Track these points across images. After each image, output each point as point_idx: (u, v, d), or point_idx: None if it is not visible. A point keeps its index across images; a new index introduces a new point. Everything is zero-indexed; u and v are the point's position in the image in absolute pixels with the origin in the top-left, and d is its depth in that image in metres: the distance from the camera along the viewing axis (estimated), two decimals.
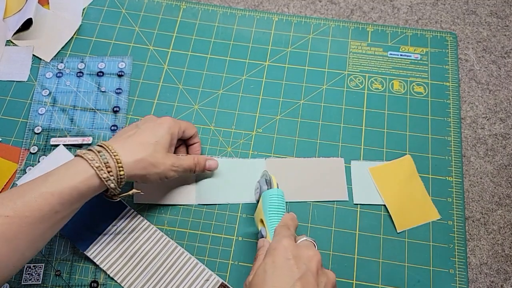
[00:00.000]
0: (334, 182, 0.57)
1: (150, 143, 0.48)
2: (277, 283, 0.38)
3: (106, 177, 0.44)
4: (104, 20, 0.68)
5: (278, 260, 0.40)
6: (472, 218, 0.56)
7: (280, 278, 0.38)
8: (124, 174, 0.46)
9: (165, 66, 0.65)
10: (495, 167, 0.59)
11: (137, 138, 0.48)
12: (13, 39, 0.66)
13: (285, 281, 0.38)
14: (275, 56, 0.65)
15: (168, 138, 0.50)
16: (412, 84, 0.63)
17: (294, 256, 0.40)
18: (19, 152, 0.59)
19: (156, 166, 0.48)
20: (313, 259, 0.40)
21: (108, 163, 0.45)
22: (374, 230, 0.54)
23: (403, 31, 0.67)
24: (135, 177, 0.48)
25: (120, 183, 0.46)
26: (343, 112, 0.61)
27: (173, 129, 0.51)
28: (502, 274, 0.53)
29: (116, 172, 0.45)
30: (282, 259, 0.40)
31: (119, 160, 0.45)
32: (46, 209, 0.42)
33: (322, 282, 0.39)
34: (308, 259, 0.40)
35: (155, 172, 0.48)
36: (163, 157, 0.49)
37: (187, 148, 0.57)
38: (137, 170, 0.47)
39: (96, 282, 0.51)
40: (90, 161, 0.44)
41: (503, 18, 0.70)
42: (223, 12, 0.69)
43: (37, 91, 0.63)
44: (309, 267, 0.39)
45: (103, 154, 0.45)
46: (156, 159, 0.48)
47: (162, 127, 0.50)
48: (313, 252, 0.41)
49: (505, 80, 0.65)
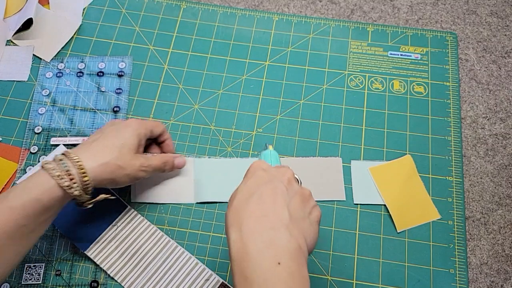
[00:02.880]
0: (332, 182, 0.57)
1: (115, 146, 0.48)
2: (247, 189, 0.39)
3: (68, 185, 0.43)
4: (104, 20, 0.68)
5: (248, 174, 0.42)
6: (472, 218, 0.56)
7: (250, 185, 0.40)
8: (89, 180, 0.45)
9: (165, 66, 0.65)
10: (495, 167, 0.59)
11: (101, 142, 0.48)
12: (13, 39, 0.66)
13: (254, 186, 0.40)
14: (275, 56, 0.65)
15: (135, 139, 0.50)
16: (412, 84, 0.63)
17: (263, 169, 0.42)
18: (19, 152, 0.59)
19: (124, 168, 0.47)
20: (284, 173, 0.42)
21: (70, 170, 0.44)
22: (374, 230, 0.54)
23: (403, 31, 0.67)
24: (104, 181, 0.47)
25: (87, 190, 0.45)
26: (343, 112, 0.61)
27: (139, 130, 0.50)
28: (502, 274, 0.53)
29: (79, 179, 0.44)
30: (251, 172, 0.42)
31: (81, 166, 0.44)
32: (10, 225, 0.41)
33: (293, 190, 0.40)
34: (280, 172, 0.42)
35: (123, 174, 0.48)
36: (131, 158, 0.48)
37: (159, 146, 0.56)
38: (104, 174, 0.46)
39: (96, 281, 0.52)
40: (50, 171, 0.43)
41: (503, 18, 0.70)
42: (223, 12, 0.69)
43: (37, 91, 0.63)
44: (279, 177, 0.41)
45: (64, 162, 0.44)
46: (123, 161, 0.47)
47: (127, 129, 0.50)
48: (285, 169, 0.43)
49: (505, 80, 0.65)
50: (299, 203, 0.39)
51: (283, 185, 0.40)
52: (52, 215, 0.45)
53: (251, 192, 0.39)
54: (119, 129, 0.50)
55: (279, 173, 0.42)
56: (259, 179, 0.40)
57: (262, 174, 0.41)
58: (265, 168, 0.42)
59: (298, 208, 0.39)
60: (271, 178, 0.40)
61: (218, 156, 0.59)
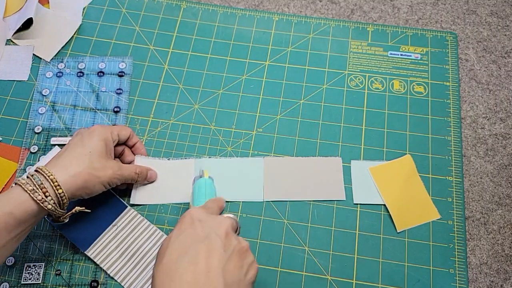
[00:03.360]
0: (331, 181, 0.57)
1: (83, 155, 0.48)
2: (180, 244, 0.38)
3: (41, 198, 0.43)
4: (104, 19, 0.68)
5: (183, 225, 0.40)
6: (472, 218, 0.56)
7: (184, 240, 0.38)
8: (64, 192, 0.45)
9: (166, 66, 0.65)
10: (495, 167, 0.59)
11: (69, 154, 0.48)
12: (13, 39, 0.66)
13: (188, 242, 0.38)
14: (275, 56, 0.65)
15: (102, 145, 0.49)
16: (412, 84, 0.63)
17: (200, 220, 0.40)
18: (19, 151, 0.59)
19: (96, 176, 0.47)
20: (221, 224, 0.40)
21: (43, 184, 0.44)
22: (374, 229, 0.54)
23: (403, 31, 0.67)
24: (79, 192, 0.46)
25: (63, 202, 0.45)
26: (343, 112, 0.61)
27: (104, 135, 0.50)
28: (502, 274, 0.53)
29: (54, 191, 0.44)
30: (187, 223, 0.40)
31: (54, 179, 0.44)
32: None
33: (231, 246, 0.39)
34: (216, 223, 0.40)
35: (97, 181, 0.48)
36: (103, 165, 0.48)
37: (131, 150, 0.56)
38: (78, 184, 0.46)
39: (96, 281, 0.52)
40: (23, 185, 0.43)
41: (503, 18, 0.70)
42: (224, 11, 0.69)
43: (37, 91, 0.63)
44: (216, 230, 0.39)
45: (36, 176, 0.44)
46: (94, 169, 0.47)
47: (92, 136, 0.49)
48: (222, 219, 0.41)
49: (505, 80, 0.65)
50: (236, 263, 0.38)
51: (220, 241, 0.38)
52: (24, 231, 0.44)
53: (184, 250, 0.37)
54: (84, 138, 0.49)
55: (215, 224, 0.40)
56: (193, 234, 0.39)
57: (198, 226, 0.39)
58: (202, 219, 0.40)
59: (235, 270, 0.37)
60: (207, 232, 0.39)
61: (218, 156, 0.59)
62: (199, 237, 0.38)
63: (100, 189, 0.49)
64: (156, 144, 0.59)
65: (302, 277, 0.52)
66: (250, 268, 0.39)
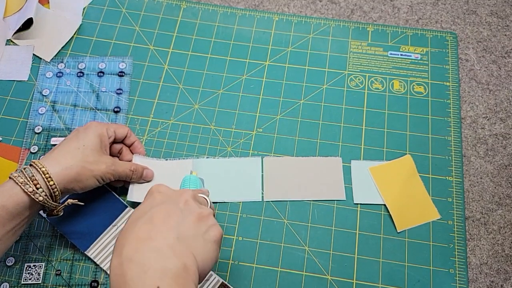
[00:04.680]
0: (331, 181, 0.57)
1: (77, 149, 0.48)
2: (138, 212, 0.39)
3: (32, 190, 0.43)
4: (104, 19, 0.68)
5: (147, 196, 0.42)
6: (472, 218, 0.56)
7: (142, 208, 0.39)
8: (55, 184, 0.45)
9: (166, 66, 0.65)
10: (495, 167, 0.59)
11: (63, 148, 0.48)
12: (13, 39, 0.66)
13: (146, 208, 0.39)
14: (275, 56, 0.65)
15: (96, 140, 0.50)
16: (412, 84, 0.63)
17: (159, 192, 0.41)
18: (19, 151, 0.59)
19: (89, 169, 0.48)
20: (182, 194, 0.41)
21: (34, 176, 0.44)
22: (374, 229, 0.54)
23: (403, 31, 0.67)
24: (71, 185, 0.47)
25: (55, 194, 0.45)
26: (343, 112, 0.61)
27: (100, 131, 0.51)
28: (502, 274, 0.53)
29: (45, 183, 0.44)
30: (148, 195, 0.41)
31: (45, 171, 0.45)
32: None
33: (189, 210, 0.39)
34: (176, 194, 0.41)
35: (90, 175, 0.48)
36: (96, 159, 0.49)
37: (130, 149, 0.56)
38: (71, 177, 0.46)
39: (97, 281, 0.52)
40: (15, 178, 0.44)
41: (503, 18, 0.70)
42: (224, 11, 0.69)
43: (38, 91, 0.63)
44: (175, 199, 0.40)
45: (28, 169, 0.45)
46: (87, 162, 0.48)
47: (87, 131, 0.50)
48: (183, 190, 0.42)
49: (505, 80, 0.65)
50: (193, 222, 0.38)
51: (177, 206, 0.39)
52: (19, 224, 0.45)
53: (142, 214, 0.38)
54: (79, 133, 0.50)
55: (176, 195, 0.41)
56: (152, 201, 0.40)
57: (157, 196, 0.41)
58: (162, 190, 0.41)
59: (191, 227, 0.38)
60: (165, 199, 0.40)
61: (218, 156, 0.59)
62: (156, 203, 0.40)
63: (93, 183, 0.49)
64: (156, 144, 0.59)
65: (302, 277, 0.52)
66: (211, 228, 0.39)
